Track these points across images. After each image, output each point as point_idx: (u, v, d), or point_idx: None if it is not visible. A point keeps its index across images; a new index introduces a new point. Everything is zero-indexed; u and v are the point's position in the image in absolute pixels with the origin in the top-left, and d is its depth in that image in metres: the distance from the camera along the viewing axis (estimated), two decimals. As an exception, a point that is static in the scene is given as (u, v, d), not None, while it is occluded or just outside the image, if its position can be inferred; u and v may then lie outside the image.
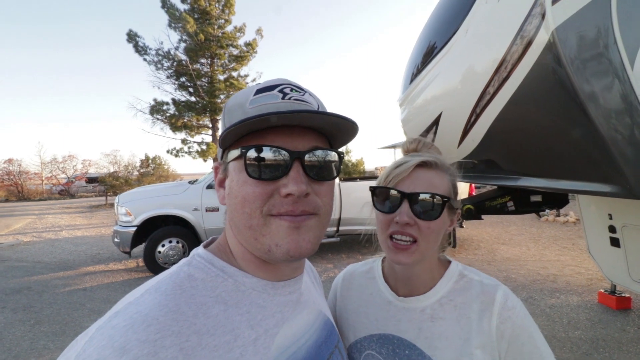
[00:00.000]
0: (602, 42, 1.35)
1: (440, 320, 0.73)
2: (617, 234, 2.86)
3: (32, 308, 4.21)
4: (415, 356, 0.72)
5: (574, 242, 6.78)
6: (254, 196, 0.51)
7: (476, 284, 0.76)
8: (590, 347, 3.02)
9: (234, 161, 0.54)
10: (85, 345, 0.41)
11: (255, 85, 0.57)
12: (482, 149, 2.25)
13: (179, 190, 5.76)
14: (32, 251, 7.39)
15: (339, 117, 0.52)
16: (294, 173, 0.51)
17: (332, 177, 0.57)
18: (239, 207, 0.52)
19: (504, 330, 0.69)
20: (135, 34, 15.50)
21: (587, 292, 4.21)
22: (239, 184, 0.52)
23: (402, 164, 0.74)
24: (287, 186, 0.50)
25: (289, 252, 0.51)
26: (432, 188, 0.72)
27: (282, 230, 0.51)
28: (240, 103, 0.54)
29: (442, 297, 0.76)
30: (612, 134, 1.40)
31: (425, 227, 0.71)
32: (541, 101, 1.68)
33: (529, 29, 1.61)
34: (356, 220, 5.93)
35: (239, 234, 0.55)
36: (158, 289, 0.48)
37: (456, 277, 0.78)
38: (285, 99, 0.53)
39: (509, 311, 0.70)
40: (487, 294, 0.73)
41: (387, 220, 0.74)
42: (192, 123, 17.11)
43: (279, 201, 0.51)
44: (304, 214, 0.52)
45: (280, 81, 0.57)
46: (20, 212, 14.81)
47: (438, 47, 2.45)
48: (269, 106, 0.52)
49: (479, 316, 0.71)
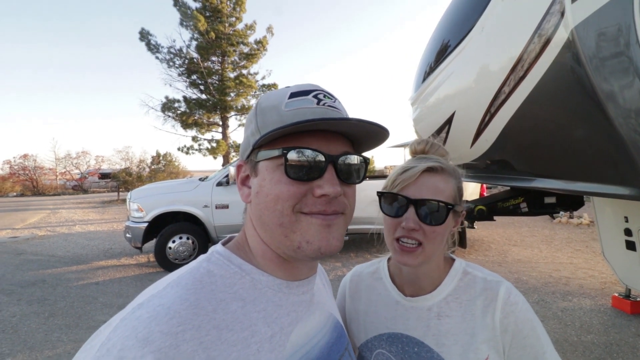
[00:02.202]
0: (623, 41, 1.31)
1: (446, 318, 0.76)
2: (634, 237, 2.80)
3: (47, 301, 4.31)
4: (424, 353, 0.75)
5: (588, 245, 6.65)
6: (288, 194, 0.52)
7: (479, 281, 0.78)
8: (603, 351, 2.96)
9: (267, 160, 0.55)
10: (110, 334, 0.42)
11: (287, 89, 0.58)
12: (496, 149, 2.22)
13: (190, 187, 5.82)
14: (46, 245, 7.57)
15: (379, 127, 0.54)
16: (329, 175, 0.53)
17: (359, 181, 0.59)
18: (270, 205, 0.53)
19: (508, 324, 0.72)
20: (147, 33, 15.71)
21: (600, 296, 4.13)
22: (273, 182, 0.53)
23: (409, 169, 0.76)
24: (322, 187, 0.52)
25: (320, 249, 0.53)
26: (438, 194, 0.74)
27: (313, 228, 0.53)
28: (275, 105, 0.55)
29: (448, 295, 0.78)
30: (632, 134, 1.36)
31: (430, 232, 0.73)
32: (559, 101, 1.65)
33: (547, 27, 1.57)
34: (365, 219, 5.89)
35: (267, 232, 0.56)
36: (179, 283, 0.49)
37: (460, 274, 0.81)
38: (320, 104, 0.55)
39: (512, 306, 0.73)
40: (491, 289, 0.76)
41: (394, 223, 0.76)
42: (203, 120, 17.30)
43: (312, 201, 0.53)
44: (334, 214, 0.54)
45: (312, 87, 0.58)
46: (35, 207, 15.18)
47: (452, 45, 2.42)
48: (305, 110, 0.54)
49: (483, 312, 0.74)
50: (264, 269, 0.57)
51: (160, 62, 16.42)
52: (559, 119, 1.70)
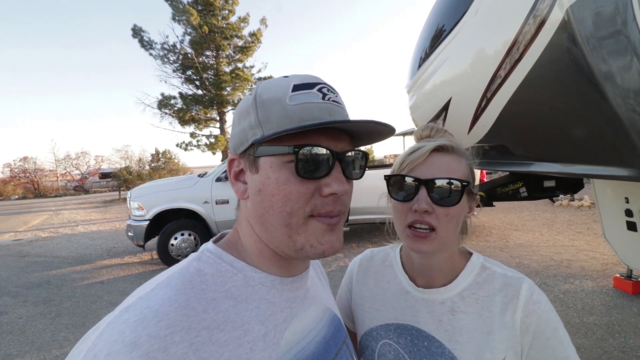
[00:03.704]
0: (620, 19, 1.28)
1: (461, 314, 0.72)
2: (634, 218, 2.80)
3: (52, 301, 4.35)
4: (434, 348, 0.71)
5: (589, 227, 6.66)
6: (298, 195, 0.50)
7: (499, 277, 0.73)
8: (605, 332, 2.99)
9: (270, 157, 0.52)
10: (96, 339, 0.41)
11: (287, 79, 0.55)
12: (493, 134, 2.20)
13: (189, 184, 5.82)
14: (50, 246, 7.61)
15: (387, 127, 0.54)
16: (337, 173, 0.52)
17: (360, 177, 0.58)
18: (278, 205, 0.51)
19: (529, 324, 0.68)
20: (140, 29, 15.52)
21: (602, 277, 4.15)
22: (280, 181, 0.51)
23: (417, 149, 0.71)
24: (330, 186, 0.51)
25: (324, 252, 0.53)
26: (450, 173, 0.69)
27: (318, 232, 0.52)
28: (278, 98, 0.52)
29: (464, 290, 0.73)
30: (630, 115, 1.34)
31: (443, 214, 0.68)
32: (555, 83, 1.62)
33: (542, 7, 1.54)
34: (366, 210, 5.91)
35: (267, 231, 0.54)
36: (168, 284, 0.48)
37: (478, 269, 0.76)
38: (325, 99, 0.53)
39: (534, 305, 0.69)
40: (512, 286, 0.71)
41: (405, 208, 0.71)
42: (200, 116, 17.20)
43: (320, 201, 0.52)
44: (339, 214, 0.54)
45: (315, 79, 0.56)
46: (37, 209, 15.23)
47: (446, 29, 2.38)
48: (312, 105, 0.52)
49: (502, 309, 0.69)
50: (257, 265, 0.56)
51: (155, 59, 16.27)
52: (556, 101, 1.68)
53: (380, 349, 0.77)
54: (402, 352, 0.74)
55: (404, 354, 0.73)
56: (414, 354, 0.72)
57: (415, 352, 0.72)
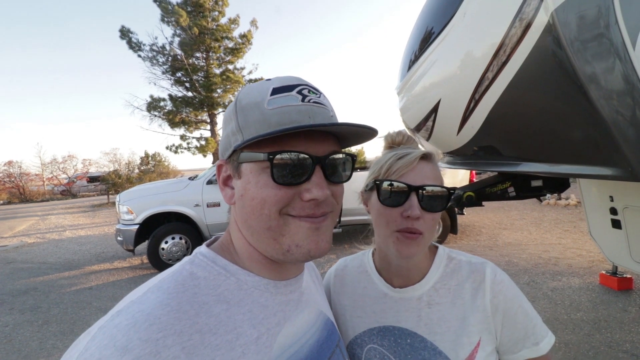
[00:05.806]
0: (603, 22, 1.32)
1: (437, 306, 0.75)
2: (619, 216, 2.86)
3: (40, 308, 4.25)
4: (417, 344, 0.73)
5: (576, 225, 6.80)
6: (275, 199, 0.51)
7: (465, 265, 0.79)
8: (592, 328, 3.05)
9: (251, 163, 0.52)
10: (87, 344, 0.41)
11: (268, 82, 0.55)
12: (481, 135, 2.23)
13: (180, 187, 5.76)
14: (36, 252, 7.44)
15: (367, 128, 0.53)
16: (317, 178, 0.52)
17: (347, 179, 0.58)
18: (257, 209, 0.52)
19: (498, 303, 0.73)
20: (128, 30, 15.31)
21: (588, 274, 4.24)
22: (258, 186, 0.51)
23: (405, 155, 0.73)
24: (310, 191, 0.51)
25: (309, 252, 0.53)
26: (436, 180, 0.73)
27: (302, 231, 0.52)
28: (257, 102, 0.52)
29: (436, 283, 0.78)
30: (614, 115, 1.38)
31: (430, 219, 0.72)
32: (541, 85, 1.65)
33: (528, 10, 1.57)
34: (357, 211, 5.93)
35: (253, 235, 0.54)
36: (160, 287, 0.48)
37: (445, 260, 0.81)
38: (305, 101, 0.52)
39: (499, 285, 0.74)
40: (477, 272, 0.77)
41: (394, 214, 0.72)
42: (190, 119, 17.05)
43: (300, 205, 0.51)
44: (323, 215, 0.54)
45: (296, 81, 0.55)
46: (23, 214, 14.87)
47: (435, 32, 2.41)
48: (290, 109, 0.51)
49: (473, 295, 0.74)
50: (250, 269, 0.56)
51: (143, 60, 16.05)
52: (542, 103, 1.71)
53: (366, 354, 0.78)
54: (387, 353, 0.75)
55: (389, 355, 0.75)
56: (398, 353, 0.74)
57: (400, 351, 0.74)
